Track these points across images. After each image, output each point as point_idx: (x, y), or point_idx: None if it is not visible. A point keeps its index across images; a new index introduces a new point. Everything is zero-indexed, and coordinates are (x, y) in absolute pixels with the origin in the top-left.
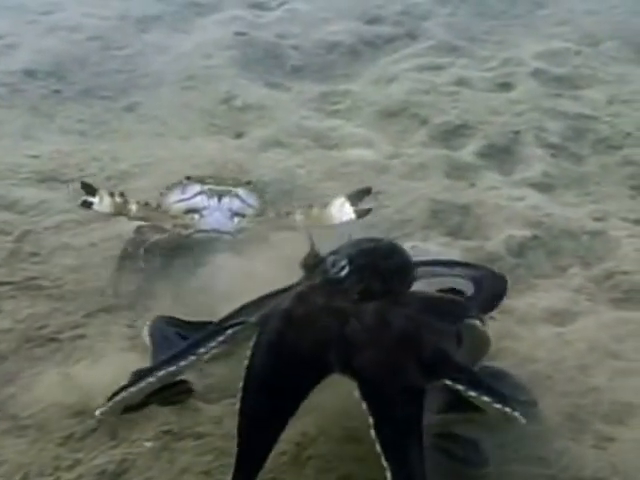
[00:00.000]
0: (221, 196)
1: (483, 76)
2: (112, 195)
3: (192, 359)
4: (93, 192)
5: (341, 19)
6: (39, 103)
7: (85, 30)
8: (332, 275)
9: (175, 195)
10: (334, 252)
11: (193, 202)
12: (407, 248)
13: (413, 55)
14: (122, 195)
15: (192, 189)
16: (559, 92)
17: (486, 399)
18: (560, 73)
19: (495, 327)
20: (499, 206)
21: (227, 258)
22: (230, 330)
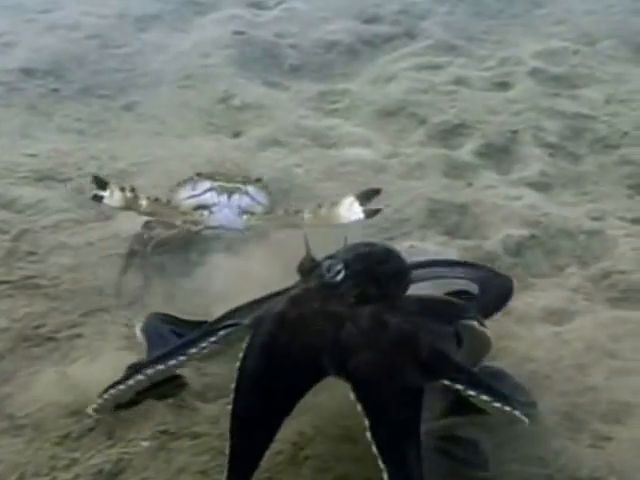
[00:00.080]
0: (231, 193)
1: (481, 75)
2: (123, 190)
3: (182, 359)
4: (104, 186)
5: (339, 18)
6: (37, 102)
7: (83, 29)
8: (328, 279)
9: (185, 191)
10: (330, 257)
11: (203, 198)
12: (405, 248)
13: (411, 54)
14: (133, 190)
15: (202, 185)
16: (557, 91)
17: (486, 398)
18: (558, 72)
19: (493, 327)
20: (497, 205)
21: (226, 258)
22: (223, 331)
